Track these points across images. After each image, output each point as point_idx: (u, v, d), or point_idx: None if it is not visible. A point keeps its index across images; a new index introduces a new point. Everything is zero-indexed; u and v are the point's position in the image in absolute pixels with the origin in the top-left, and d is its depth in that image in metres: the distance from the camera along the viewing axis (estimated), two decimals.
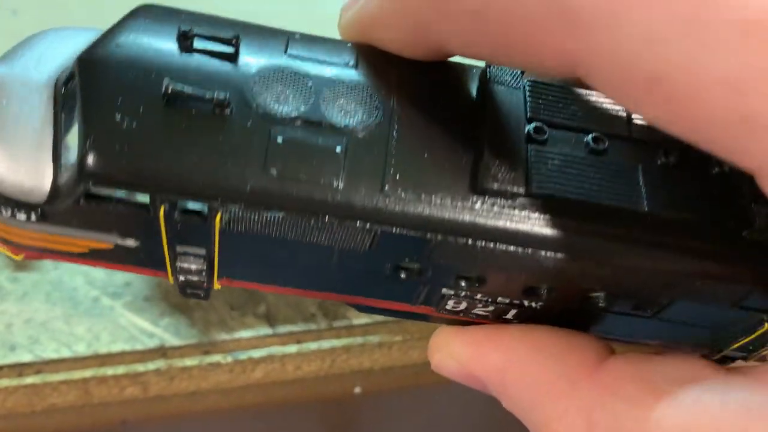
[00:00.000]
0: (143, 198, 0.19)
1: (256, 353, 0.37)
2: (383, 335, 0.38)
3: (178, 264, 0.21)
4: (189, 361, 0.36)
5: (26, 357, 0.35)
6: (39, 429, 0.36)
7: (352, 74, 0.20)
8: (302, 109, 0.19)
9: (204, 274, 0.21)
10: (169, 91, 0.18)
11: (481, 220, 0.19)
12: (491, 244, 0.19)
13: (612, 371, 0.19)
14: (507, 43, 0.17)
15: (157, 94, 0.19)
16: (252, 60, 0.20)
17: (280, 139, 0.19)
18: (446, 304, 0.22)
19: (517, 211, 0.19)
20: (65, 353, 0.36)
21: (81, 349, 0.36)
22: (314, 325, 0.38)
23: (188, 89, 0.19)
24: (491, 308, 0.22)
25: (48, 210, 0.19)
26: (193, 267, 0.21)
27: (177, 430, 0.39)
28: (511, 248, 0.19)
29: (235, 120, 0.19)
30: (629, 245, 0.19)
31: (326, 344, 0.38)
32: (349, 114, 0.19)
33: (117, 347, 0.36)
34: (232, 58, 0.20)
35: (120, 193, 0.19)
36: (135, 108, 0.18)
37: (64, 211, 0.19)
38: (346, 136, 0.19)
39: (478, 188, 0.19)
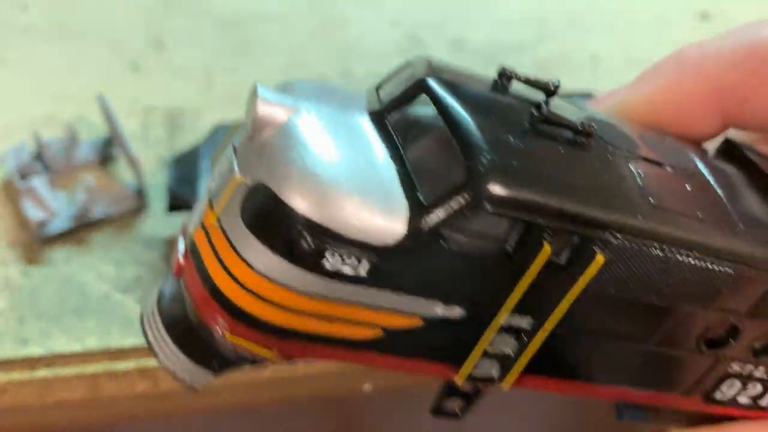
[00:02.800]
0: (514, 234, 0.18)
1: None
2: None
3: (496, 340, 0.20)
4: None
5: (38, 351, 0.35)
6: (49, 423, 0.36)
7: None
8: (637, 153, 0.20)
9: (508, 360, 0.20)
10: (544, 114, 0.18)
11: None
12: None
13: None
14: None
15: (520, 124, 0.18)
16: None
17: (641, 175, 0.19)
18: (720, 388, 0.22)
19: None
20: (76, 347, 0.36)
21: (92, 344, 0.36)
22: None
23: (561, 117, 0.19)
24: (760, 389, 0.22)
25: (382, 263, 0.17)
26: (507, 349, 0.20)
27: (187, 426, 0.40)
28: None
29: (599, 151, 0.19)
30: None
31: None
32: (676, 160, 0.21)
33: (128, 342, 0.36)
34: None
35: (480, 227, 0.18)
36: (504, 136, 0.18)
37: (400, 261, 0.17)
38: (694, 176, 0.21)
39: None
